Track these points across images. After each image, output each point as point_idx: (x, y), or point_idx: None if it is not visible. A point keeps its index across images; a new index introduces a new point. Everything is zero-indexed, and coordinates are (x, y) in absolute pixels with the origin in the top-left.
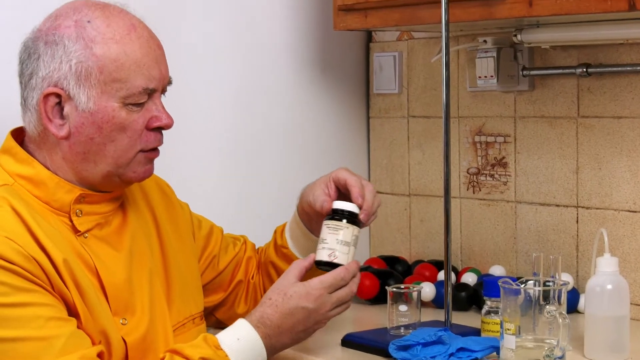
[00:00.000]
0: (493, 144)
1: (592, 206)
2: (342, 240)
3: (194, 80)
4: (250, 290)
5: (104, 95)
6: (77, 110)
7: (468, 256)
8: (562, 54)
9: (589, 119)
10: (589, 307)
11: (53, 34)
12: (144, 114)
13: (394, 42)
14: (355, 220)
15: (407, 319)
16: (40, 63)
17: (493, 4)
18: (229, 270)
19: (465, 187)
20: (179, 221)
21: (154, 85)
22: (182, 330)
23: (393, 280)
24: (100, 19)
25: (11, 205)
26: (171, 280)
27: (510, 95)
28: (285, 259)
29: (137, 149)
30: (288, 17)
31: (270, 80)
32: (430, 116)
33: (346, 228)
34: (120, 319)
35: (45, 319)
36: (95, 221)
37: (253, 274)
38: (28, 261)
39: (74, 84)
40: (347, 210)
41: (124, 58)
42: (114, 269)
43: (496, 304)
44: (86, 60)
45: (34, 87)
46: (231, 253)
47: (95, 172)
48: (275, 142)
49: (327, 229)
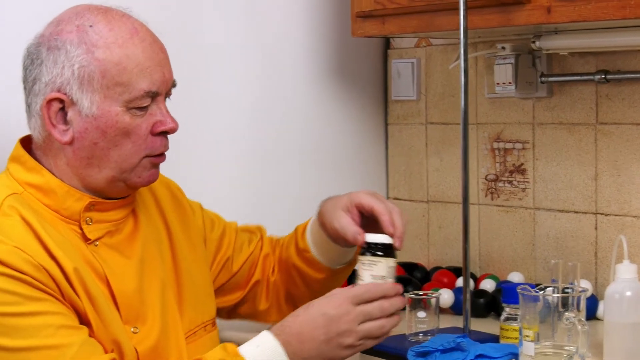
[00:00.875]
0: (511, 151)
1: (611, 213)
2: (378, 275)
3: (212, 86)
4: (271, 287)
5: (107, 100)
6: (81, 115)
7: (486, 263)
8: (580, 60)
9: (607, 125)
10: (608, 313)
11: (55, 39)
12: (148, 119)
13: (412, 48)
14: (389, 251)
15: (426, 326)
16: (43, 69)
17: (511, 10)
18: (244, 270)
19: (483, 194)
20: (190, 226)
21: (156, 88)
22: (194, 338)
23: (411, 287)
24: (102, 23)
25: (21, 214)
26: (182, 287)
27: (528, 101)
28: (308, 263)
29: (142, 155)
30: (306, 24)
31: (288, 86)
32: (448, 123)
33: (380, 262)
34: (132, 327)
35: (56, 328)
36: (106, 229)
37: (273, 270)
38: (38, 270)
39: (77, 89)
40: (380, 244)
41: (126, 62)
42: (124, 277)
43: (515, 311)
44: (88, 65)
45: (37, 93)
46: (245, 253)
47: (99, 177)
48: (292, 148)
49: (362, 265)
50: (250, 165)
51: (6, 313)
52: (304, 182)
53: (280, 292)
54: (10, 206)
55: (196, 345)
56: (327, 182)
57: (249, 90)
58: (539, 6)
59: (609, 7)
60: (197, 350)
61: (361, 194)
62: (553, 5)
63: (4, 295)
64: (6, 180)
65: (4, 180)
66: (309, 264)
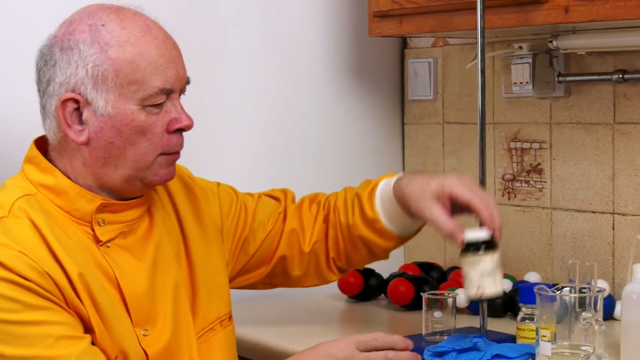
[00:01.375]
0: (528, 150)
1: (629, 213)
2: (485, 271)
3: (229, 86)
4: (305, 258)
5: (122, 98)
6: (96, 115)
7: (503, 262)
8: (598, 60)
9: (625, 125)
10: (625, 314)
11: (68, 39)
12: (163, 116)
13: (429, 48)
14: (491, 245)
15: (442, 326)
16: (57, 69)
17: (529, 10)
18: (265, 248)
19: (500, 194)
20: (204, 217)
21: (170, 85)
22: (208, 336)
23: (428, 287)
24: (115, 22)
25: (30, 217)
26: (197, 285)
27: (545, 101)
28: (378, 233)
29: (157, 152)
30: (323, 24)
31: (305, 86)
32: (465, 122)
33: (485, 258)
34: (142, 330)
35: (55, 338)
36: (119, 230)
37: (302, 243)
38: (42, 277)
39: (91, 89)
40: (482, 241)
41: (139, 59)
42: (135, 279)
43: (532, 311)
44: (102, 64)
45: (51, 94)
46: (262, 233)
47: (115, 176)
48: (309, 148)
49: (467, 264)
50: (267, 165)
51: (6, 320)
52: (321, 181)
53: (320, 257)
54: (20, 208)
55: (210, 344)
56: (344, 182)
57: (266, 90)
58: (557, 6)
59: (627, 6)
60: (212, 347)
61: (455, 183)
62: (571, 4)
63: (6, 302)
64: (20, 182)
65: (19, 181)
66: (379, 234)
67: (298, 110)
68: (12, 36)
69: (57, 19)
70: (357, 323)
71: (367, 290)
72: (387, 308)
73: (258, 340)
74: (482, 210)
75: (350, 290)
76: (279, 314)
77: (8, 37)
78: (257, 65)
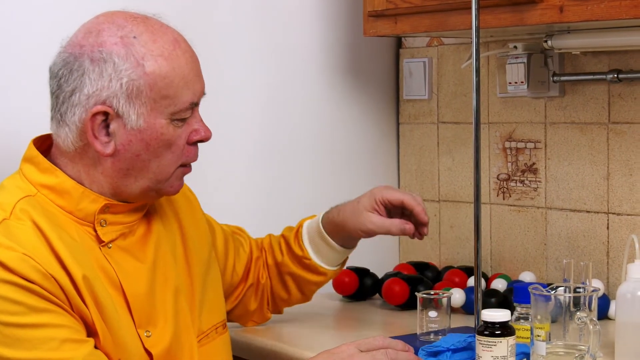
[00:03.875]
0: (523, 150)
1: (623, 212)
2: (499, 356)
3: (223, 86)
4: (260, 289)
5: (154, 113)
6: (125, 128)
7: (498, 262)
8: (593, 59)
9: (619, 125)
10: (620, 313)
11: (100, 51)
12: (186, 129)
13: (424, 48)
14: (508, 328)
15: (437, 325)
16: (86, 80)
17: (524, 10)
18: (241, 275)
19: (495, 193)
20: (201, 228)
21: (197, 99)
22: (206, 341)
23: (423, 287)
24: (146, 34)
25: (32, 219)
26: (195, 290)
27: (540, 101)
28: (307, 269)
29: (178, 164)
30: (318, 23)
31: (300, 86)
32: (460, 122)
33: (501, 342)
34: (145, 331)
35: (59, 341)
36: (120, 231)
37: (261, 274)
38: (46, 279)
39: (124, 102)
40: (498, 322)
41: (172, 75)
42: (136, 280)
43: (526, 310)
44: (137, 79)
45: (76, 104)
46: (243, 259)
47: (134, 187)
48: (304, 148)
49: (481, 345)
50: (262, 164)
51: (10, 323)
52: (316, 181)
53: (265, 294)
54: (22, 210)
55: (208, 349)
56: (339, 181)
57: (261, 89)
58: (552, 5)
59: (622, 6)
60: (209, 353)
61: (382, 190)
62: (565, 4)
63: (10, 305)
64: (20, 182)
65: (18, 182)
66: (308, 270)
67: (293, 110)
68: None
69: (56, 20)
70: (351, 322)
71: (362, 290)
72: (381, 308)
73: (252, 340)
74: (415, 206)
75: (345, 289)
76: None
77: (6, 37)
78: (252, 65)
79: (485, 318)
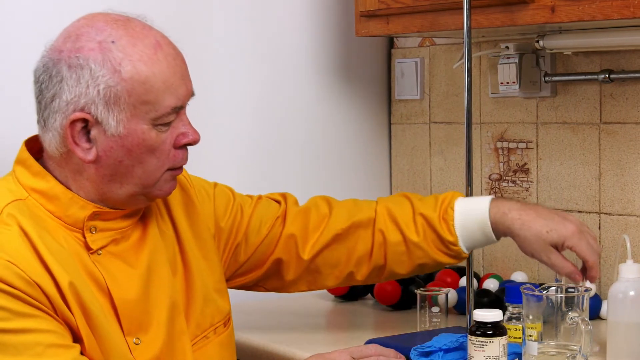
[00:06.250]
0: (515, 150)
1: (615, 212)
2: (490, 356)
3: (214, 86)
4: (304, 265)
5: (134, 119)
6: (106, 135)
7: (490, 262)
8: (585, 60)
9: (611, 125)
10: (612, 313)
11: (77, 57)
12: (172, 132)
13: (415, 48)
14: (500, 329)
15: (439, 320)
16: (64, 86)
17: (515, 10)
18: (259, 253)
19: (487, 193)
20: (199, 222)
21: (181, 102)
22: (203, 343)
23: (415, 287)
24: (125, 39)
25: (20, 224)
26: (192, 293)
27: (532, 101)
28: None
29: (165, 169)
30: (310, 23)
31: (291, 86)
32: (452, 122)
33: (492, 342)
34: (134, 338)
35: (44, 346)
36: (111, 237)
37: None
38: (30, 286)
39: (102, 109)
40: (490, 322)
41: (152, 80)
42: (126, 285)
43: (518, 310)
44: (115, 85)
45: (56, 110)
46: (257, 239)
47: (120, 192)
48: (295, 148)
49: (473, 345)
50: (253, 164)
51: None
52: (307, 181)
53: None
54: (9, 215)
55: (203, 352)
56: (331, 182)
57: (252, 89)
58: (543, 6)
59: (613, 6)
60: (204, 356)
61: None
62: (557, 4)
63: None
64: (12, 185)
65: (9, 184)
66: (450, 256)
67: (285, 111)
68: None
69: (49, 20)
70: (343, 323)
71: (354, 290)
72: (373, 308)
73: (244, 340)
74: (591, 270)
75: (337, 290)
76: (265, 314)
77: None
78: (244, 65)
79: (477, 318)
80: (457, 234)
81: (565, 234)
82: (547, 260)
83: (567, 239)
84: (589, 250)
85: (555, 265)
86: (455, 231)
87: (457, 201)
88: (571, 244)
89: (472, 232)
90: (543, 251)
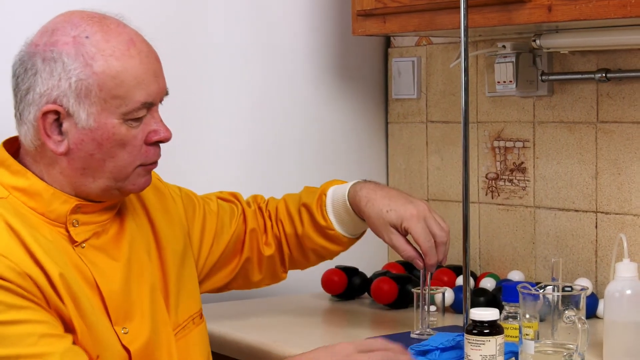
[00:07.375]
0: (512, 149)
1: (611, 211)
2: (487, 355)
3: (212, 85)
4: (265, 261)
5: (104, 112)
6: (77, 127)
7: (486, 261)
8: (581, 59)
9: (608, 124)
10: (608, 312)
11: (51, 50)
12: (143, 129)
13: (412, 47)
14: (497, 327)
15: (436, 319)
16: (38, 79)
17: (512, 9)
18: (229, 251)
19: (484, 192)
20: (173, 217)
21: (152, 99)
22: (184, 333)
23: (411, 285)
24: (99, 34)
25: (6, 220)
26: (170, 284)
27: (529, 100)
28: (330, 239)
29: (136, 164)
30: (307, 23)
31: (288, 85)
32: (448, 121)
33: (489, 341)
34: (122, 328)
35: (38, 336)
36: (92, 230)
37: (262, 248)
38: (22, 278)
39: (74, 102)
40: (487, 321)
41: (124, 75)
42: (111, 277)
43: (515, 309)
44: (86, 78)
45: (30, 103)
46: (226, 236)
47: (93, 186)
48: (293, 147)
49: (470, 344)
50: (250, 164)
51: None
52: (304, 180)
53: (272, 265)
54: None
55: (186, 340)
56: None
57: (249, 89)
58: (540, 5)
59: (610, 5)
60: (187, 345)
61: (413, 221)
62: (554, 4)
63: None
64: None
65: None
66: (330, 240)
67: (282, 110)
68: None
69: (35, 18)
70: (340, 322)
71: (351, 289)
72: (370, 307)
73: (242, 339)
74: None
75: (334, 289)
76: (261, 312)
77: None
78: (241, 65)
79: (473, 317)
80: (330, 218)
81: (404, 214)
82: (388, 240)
83: (405, 220)
84: (424, 236)
85: (396, 247)
86: (329, 216)
87: (331, 187)
88: (407, 225)
89: (341, 215)
90: (384, 231)
